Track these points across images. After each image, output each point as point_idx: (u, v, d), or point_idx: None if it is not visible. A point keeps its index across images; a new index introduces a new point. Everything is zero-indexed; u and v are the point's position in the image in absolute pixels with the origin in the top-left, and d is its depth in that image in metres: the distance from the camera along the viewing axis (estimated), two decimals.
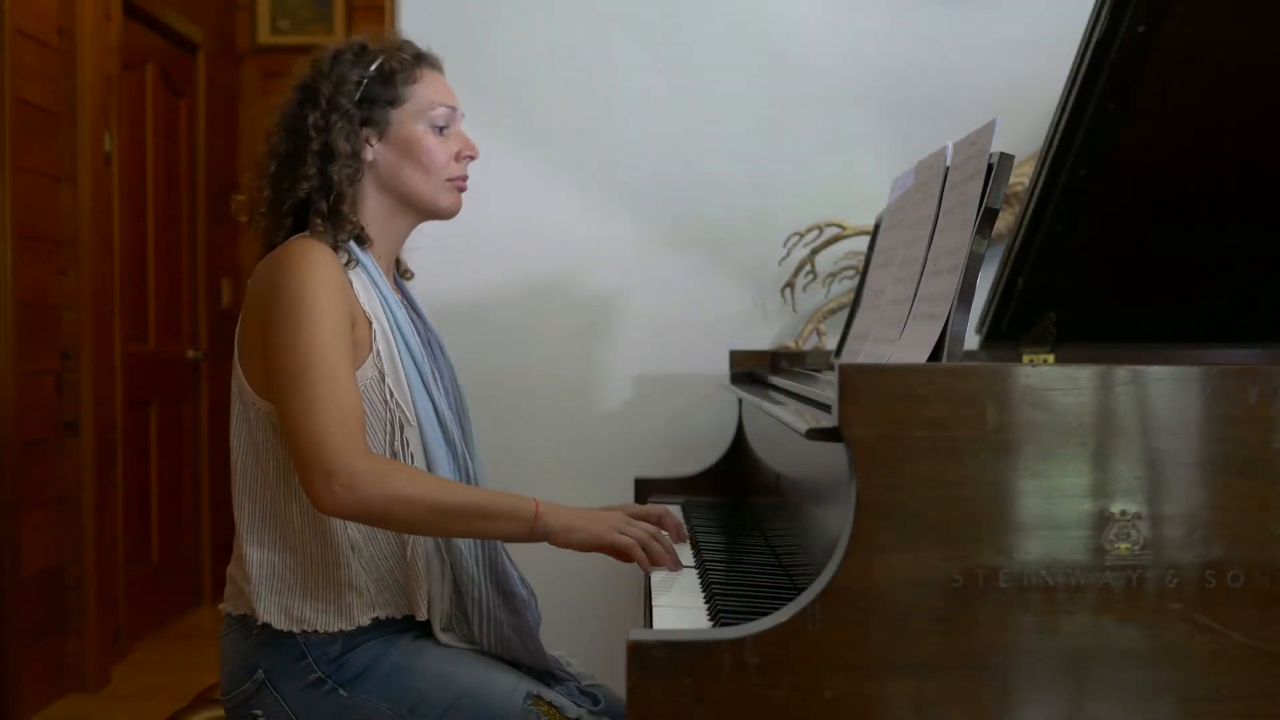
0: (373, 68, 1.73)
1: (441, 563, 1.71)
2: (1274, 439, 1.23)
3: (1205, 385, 1.23)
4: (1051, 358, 1.93)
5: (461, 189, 1.79)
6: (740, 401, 2.49)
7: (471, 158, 1.79)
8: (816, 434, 1.29)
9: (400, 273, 1.88)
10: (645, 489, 2.49)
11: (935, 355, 1.40)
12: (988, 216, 1.38)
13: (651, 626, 1.49)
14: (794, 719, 1.20)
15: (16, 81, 3.52)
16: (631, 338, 2.80)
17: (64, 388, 3.82)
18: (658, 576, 1.71)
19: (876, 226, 2.16)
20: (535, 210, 2.77)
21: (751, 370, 2.55)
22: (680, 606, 1.56)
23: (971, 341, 1.81)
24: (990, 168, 1.40)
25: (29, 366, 3.61)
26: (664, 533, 1.72)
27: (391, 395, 1.67)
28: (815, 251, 2.69)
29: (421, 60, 1.77)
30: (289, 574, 1.65)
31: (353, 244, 1.71)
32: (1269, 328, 1.94)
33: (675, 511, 1.97)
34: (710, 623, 1.48)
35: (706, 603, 1.58)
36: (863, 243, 2.55)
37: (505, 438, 2.70)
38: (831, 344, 2.65)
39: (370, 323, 1.66)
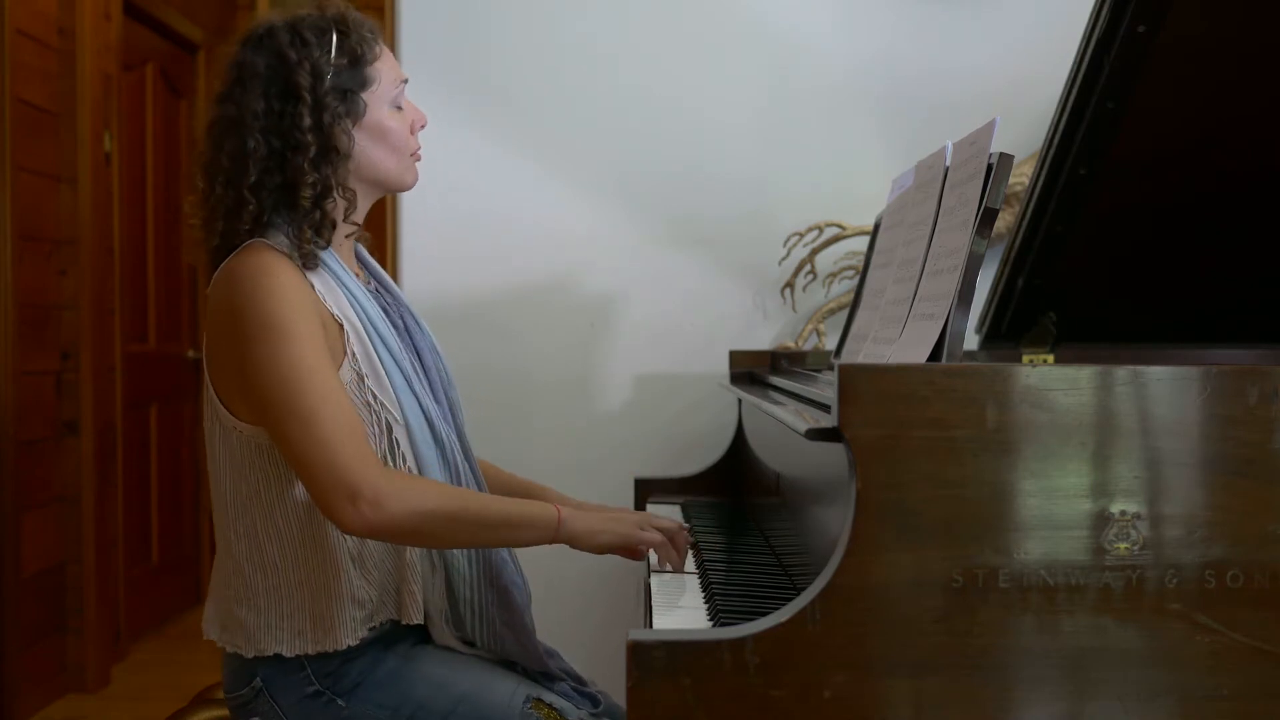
0: (334, 49, 1.61)
1: (432, 561, 1.66)
2: (1274, 439, 1.23)
3: (1205, 385, 1.23)
4: (1051, 358, 1.93)
5: (418, 159, 1.72)
6: (740, 402, 2.49)
7: (424, 126, 1.72)
8: (816, 434, 1.29)
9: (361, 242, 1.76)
10: (645, 489, 2.48)
11: (935, 355, 1.40)
12: (988, 216, 1.38)
13: (651, 626, 1.49)
14: (794, 719, 1.20)
15: (16, 81, 3.52)
16: (631, 338, 2.80)
17: (64, 388, 3.82)
18: (658, 577, 1.71)
19: (876, 226, 2.16)
20: (535, 210, 2.77)
21: (751, 370, 2.55)
22: (680, 606, 1.56)
23: (971, 341, 1.81)
24: (990, 168, 1.40)
25: (29, 366, 3.61)
26: (685, 531, 1.76)
27: (375, 397, 1.60)
28: (815, 251, 2.69)
29: (376, 35, 1.66)
30: (286, 602, 1.59)
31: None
32: (1269, 328, 1.94)
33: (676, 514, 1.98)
34: (710, 623, 1.48)
35: (706, 603, 1.58)
36: (863, 243, 2.55)
37: (505, 438, 2.71)
38: (831, 344, 2.65)
39: (341, 325, 1.59)
